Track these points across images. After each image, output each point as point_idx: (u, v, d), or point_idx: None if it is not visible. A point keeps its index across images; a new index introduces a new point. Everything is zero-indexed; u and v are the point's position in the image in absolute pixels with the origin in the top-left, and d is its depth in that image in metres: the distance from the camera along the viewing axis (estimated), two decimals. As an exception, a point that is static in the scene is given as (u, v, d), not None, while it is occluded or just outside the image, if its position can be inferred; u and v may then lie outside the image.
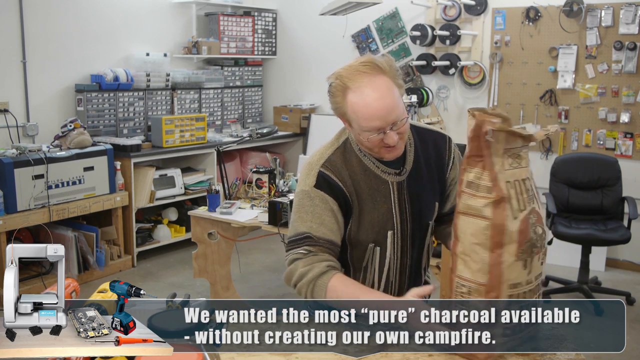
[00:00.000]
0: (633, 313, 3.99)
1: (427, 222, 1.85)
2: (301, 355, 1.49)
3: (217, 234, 3.57)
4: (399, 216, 1.80)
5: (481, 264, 1.50)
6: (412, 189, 1.80)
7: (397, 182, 1.79)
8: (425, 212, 1.83)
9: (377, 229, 1.79)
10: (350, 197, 1.76)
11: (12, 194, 4.14)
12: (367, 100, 1.63)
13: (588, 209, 4.45)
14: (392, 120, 1.65)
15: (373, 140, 1.67)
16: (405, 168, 1.80)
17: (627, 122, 4.79)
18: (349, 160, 1.78)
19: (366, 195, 1.77)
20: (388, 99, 1.64)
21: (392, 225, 1.79)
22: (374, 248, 1.81)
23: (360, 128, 1.67)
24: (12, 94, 4.69)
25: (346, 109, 1.68)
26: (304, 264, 1.71)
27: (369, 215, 1.77)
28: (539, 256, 1.49)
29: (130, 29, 5.47)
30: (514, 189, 1.49)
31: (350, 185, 1.76)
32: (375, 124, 1.64)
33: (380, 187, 1.78)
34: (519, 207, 1.49)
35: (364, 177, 1.77)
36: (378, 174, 1.78)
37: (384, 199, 1.78)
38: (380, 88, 1.64)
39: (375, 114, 1.63)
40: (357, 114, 1.65)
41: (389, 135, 1.65)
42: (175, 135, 5.21)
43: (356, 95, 1.65)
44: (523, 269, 1.48)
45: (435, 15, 5.56)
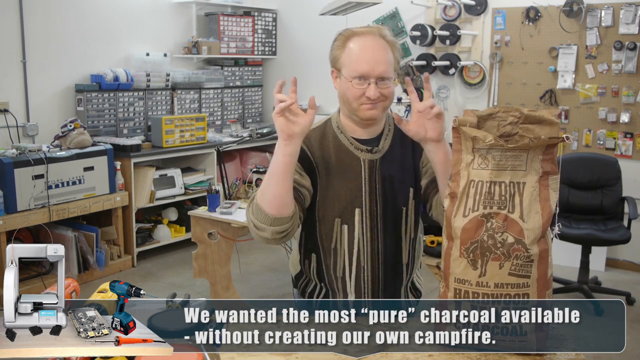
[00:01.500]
0: (633, 313, 3.99)
1: (400, 207, 1.84)
2: (301, 355, 1.49)
3: (217, 234, 3.57)
4: (368, 195, 1.81)
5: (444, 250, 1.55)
6: (384, 171, 1.82)
7: (369, 159, 1.82)
8: (397, 196, 1.84)
9: (344, 205, 1.81)
10: (316, 167, 1.82)
11: (12, 194, 4.14)
12: (365, 45, 1.75)
13: (588, 209, 4.45)
14: (379, 73, 1.72)
15: (356, 90, 1.73)
16: (379, 147, 1.83)
17: (627, 122, 4.79)
18: (325, 136, 1.85)
19: (335, 169, 1.81)
20: (382, 52, 1.75)
21: (360, 203, 1.81)
22: (341, 225, 1.81)
23: (348, 73, 1.74)
24: (12, 94, 4.69)
25: (342, 54, 1.77)
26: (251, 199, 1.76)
27: (335, 188, 1.81)
28: (500, 264, 1.44)
29: (130, 29, 5.47)
30: (475, 188, 1.49)
31: (319, 157, 1.82)
32: (363, 67, 1.71)
33: (353, 163, 1.81)
34: (473, 207, 1.48)
35: (335, 152, 1.82)
36: (351, 150, 1.82)
37: (353, 175, 1.81)
38: (380, 44, 1.76)
39: (367, 57, 1.72)
40: (350, 56, 1.75)
41: (371, 88, 1.72)
42: (175, 135, 5.21)
43: (356, 42, 1.76)
44: (472, 268, 1.46)
45: (435, 15, 5.56)
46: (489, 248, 1.45)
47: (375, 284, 1.85)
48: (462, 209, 1.49)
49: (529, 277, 1.44)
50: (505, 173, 1.47)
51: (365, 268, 1.84)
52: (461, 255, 1.48)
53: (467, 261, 1.47)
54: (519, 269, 1.44)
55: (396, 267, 1.88)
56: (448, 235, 1.52)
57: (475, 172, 1.49)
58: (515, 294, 1.45)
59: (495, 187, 1.47)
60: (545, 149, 1.46)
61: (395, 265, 1.88)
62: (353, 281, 1.84)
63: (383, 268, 1.85)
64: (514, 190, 1.47)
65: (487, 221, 1.46)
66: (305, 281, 1.95)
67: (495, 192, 1.47)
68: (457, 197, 1.50)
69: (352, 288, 1.85)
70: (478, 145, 1.48)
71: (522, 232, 1.44)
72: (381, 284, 1.86)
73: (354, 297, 1.85)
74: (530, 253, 1.44)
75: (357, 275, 1.84)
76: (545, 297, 1.47)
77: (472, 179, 1.49)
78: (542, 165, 1.47)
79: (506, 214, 1.46)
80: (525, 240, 1.44)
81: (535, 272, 1.45)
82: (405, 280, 1.92)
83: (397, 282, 1.90)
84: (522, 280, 1.44)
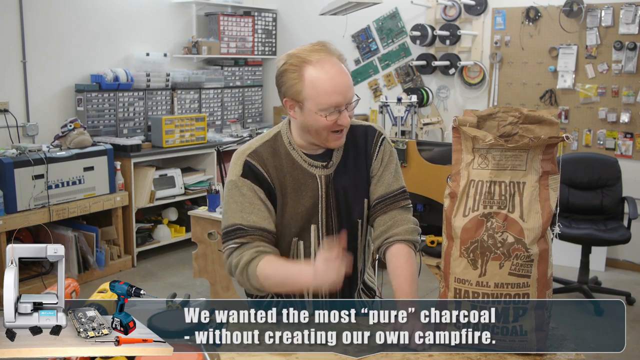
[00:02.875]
0: (633, 313, 3.98)
1: (355, 219, 1.82)
2: (301, 355, 1.49)
3: (217, 234, 3.57)
4: (324, 210, 1.78)
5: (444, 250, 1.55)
6: (338, 183, 1.79)
7: (324, 175, 1.77)
8: (352, 208, 1.81)
9: (301, 223, 1.77)
10: (274, 188, 1.75)
11: (12, 194, 4.14)
12: (330, 73, 1.63)
13: (588, 209, 4.45)
14: (349, 98, 1.66)
15: (328, 121, 1.66)
16: (332, 161, 1.79)
17: (627, 122, 4.79)
18: (277, 153, 1.77)
19: (290, 188, 1.76)
20: (345, 76, 1.66)
21: (316, 220, 1.78)
22: (297, 242, 1.79)
23: (317, 106, 1.64)
24: (12, 94, 4.69)
25: (303, 86, 1.65)
26: (236, 255, 1.70)
27: (291, 208, 1.76)
28: (500, 263, 1.44)
29: (130, 29, 5.47)
30: (475, 188, 1.49)
31: (275, 177, 1.75)
32: (336, 99, 1.63)
33: (308, 181, 1.77)
34: (473, 206, 1.48)
35: (290, 170, 1.76)
36: (305, 167, 1.77)
37: (310, 193, 1.76)
38: (337, 65, 1.66)
39: (337, 88, 1.63)
40: (317, 89, 1.63)
41: (344, 115, 1.66)
42: (175, 135, 5.21)
43: (317, 69, 1.63)
44: (472, 268, 1.47)
45: (435, 15, 5.56)
46: (489, 248, 1.45)
47: (333, 295, 1.81)
48: (462, 209, 1.49)
49: (529, 276, 1.44)
50: (505, 173, 1.47)
51: None
52: (461, 255, 1.48)
53: (467, 261, 1.47)
54: (519, 268, 1.44)
55: (351, 275, 1.84)
56: (448, 235, 1.52)
57: (475, 171, 1.49)
58: (515, 294, 1.45)
59: (495, 186, 1.47)
60: (545, 148, 1.46)
61: (351, 275, 1.84)
62: (311, 295, 1.80)
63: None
64: (514, 190, 1.47)
65: (487, 221, 1.46)
66: (261, 295, 1.87)
67: (495, 191, 1.47)
68: (457, 197, 1.51)
69: (310, 302, 1.80)
70: (478, 145, 1.48)
71: (522, 232, 1.44)
72: (338, 294, 1.81)
73: (312, 309, 1.83)
74: (530, 253, 1.44)
75: (315, 290, 1.80)
76: (545, 297, 1.47)
77: (472, 179, 1.49)
78: (542, 165, 1.47)
79: (506, 214, 1.46)
80: (525, 240, 1.44)
81: (535, 272, 1.44)
82: (359, 284, 1.92)
83: (352, 288, 1.89)
84: (522, 280, 1.44)
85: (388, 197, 1.80)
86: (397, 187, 1.83)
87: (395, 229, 1.77)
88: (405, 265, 1.71)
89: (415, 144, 3.39)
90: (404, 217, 1.80)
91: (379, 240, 1.80)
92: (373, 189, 1.83)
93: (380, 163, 1.83)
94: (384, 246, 1.78)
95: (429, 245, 3.20)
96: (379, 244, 1.80)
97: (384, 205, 1.80)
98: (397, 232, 1.77)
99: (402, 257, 1.73)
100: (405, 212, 1.82)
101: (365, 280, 1.97)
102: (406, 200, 1.83)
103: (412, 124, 5.03)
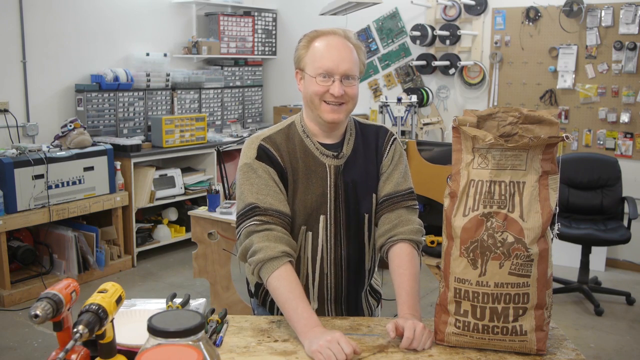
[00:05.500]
0: (633, 313, 3.97)
1: (362, 213, 1.82)
2: (301, 356, 1.49)
3: (217, 234, 3.56)
4: (333, 202, 1.79)
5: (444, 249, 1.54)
6: (347, 176, 1.80)
7: (334, 165, 1.79)
8: (361, 202, 1.82)
9: (310, 211, 1.77)
10: (286, 172, 1.77)
11: (12, 194, 4.14)
12: (329, 44, 1.74)
13: (588, 209, 4.45)
14: (344, 70, 1.71)
15: (320, 87, 1.72)
16: (343, 152, 1.81)
17: (627, 122, 4.79)
18: (291, 139, 1.80)
19: (302, 174, 1.77)
20: (347, 51, 1.73)
21: (325, 210, 1.78)
22: (306, 232, 1.78)
23: (313, 71, 1.73)
24: (12, 94, 4.69)
25: (306, 53, 1.76)
26: (260, 239, 1.67)
27: (302, 194, 1.77)
28: (500, 263, 1.44)
29: (130, 29, 5.47)
30: (475, 188, 1.49)
31: (287, 162, 1.77)
32: (328, 64, 1.70)
33: (318, 169, 1.78)
34: (473, 206, 1.48)
35: (302, 156, 1.78)
36: (317, 155, 1.79)
37: (319, 182, 1.78)
38: (344, 43, 1.75)
39: (331, 55, 1.71)
40: (314, 55, 1.74)
41: (336, 85, 1.71)
42: (175, 135, 5.21)
43: (320, 41, 1.75)
44: (472, 268, 1.46)
45: (435, 15, 5.56)
46: (489, 247, 1.45)
47: (339, 290, 1.83)
48: (462, 209, 1.49)
49: (529, 276, 1.44)
50: (505, 172, 1.47)
51: (328, 275, 1.81)
52: (461, 255, 1.47)
53: (467, 261, 1.47)
54: (519, 268, 1.44)
55: (359, 273, 1.87)
56: (448, 234, 1.52)
57: (475, 171, 1.49)
58: (515, 294, 1.45)
59: (495, 186, 1.47)
60: (545, 148, 1.46)
61: (358, 272, 1.86)
62: (316, 288, 1.81)
63: (346, 275, 1.83)
64: (513, 189, 1.47)
65: (487, 220, 1.46)
66: (265, 290, 1.85)
67: (495, 191, 1.47)
68: (457, 197, 1.50)
69: (315, 295, 1.82)
70: (478, 144, 1.48)
71: (522, 232, 1.44)
72: (344, 290, 1.84)
73: (317, 304, 1.82)
74: (530, 252, 1.44)
75: (320, 283, 1.81)
76: (545, 297, 1.47)
77: (472, 179, 1.49)
78: (541, 164, 1.47)
79: (506, 214, 1.45)
80: (525, 239, 1.44)
81: (535, 272, 1.44)
82: (366, 285, 1.91)
83: (359, 288, 1.88)
84: (522, 280, 1.44)
85: (396, 196, 1.82)
86: (406, 187, 1.84)
87: (400, 227, 1.78)
88: (408, 265, 1.71)
89: (415, 144, 3.39)
90: (409, 217, 1.81)
91: (382, 238, 1.80)
92: (382, 186, 1.84)
93: (390, 161, 1.85)
94: (388, 244, 1.78)
95: (429, 245, 3.20)
96: (382, 242, 1.80)
97: (391, 204, 1.81)
98: (402, 231, 1.77)
99: (405, 256, 1.73)
100: (411, 212, 1.83)
101: (372, 283, 1.97)
102: (413, 201, 1.84)
103: (412, 124, 5.03)
